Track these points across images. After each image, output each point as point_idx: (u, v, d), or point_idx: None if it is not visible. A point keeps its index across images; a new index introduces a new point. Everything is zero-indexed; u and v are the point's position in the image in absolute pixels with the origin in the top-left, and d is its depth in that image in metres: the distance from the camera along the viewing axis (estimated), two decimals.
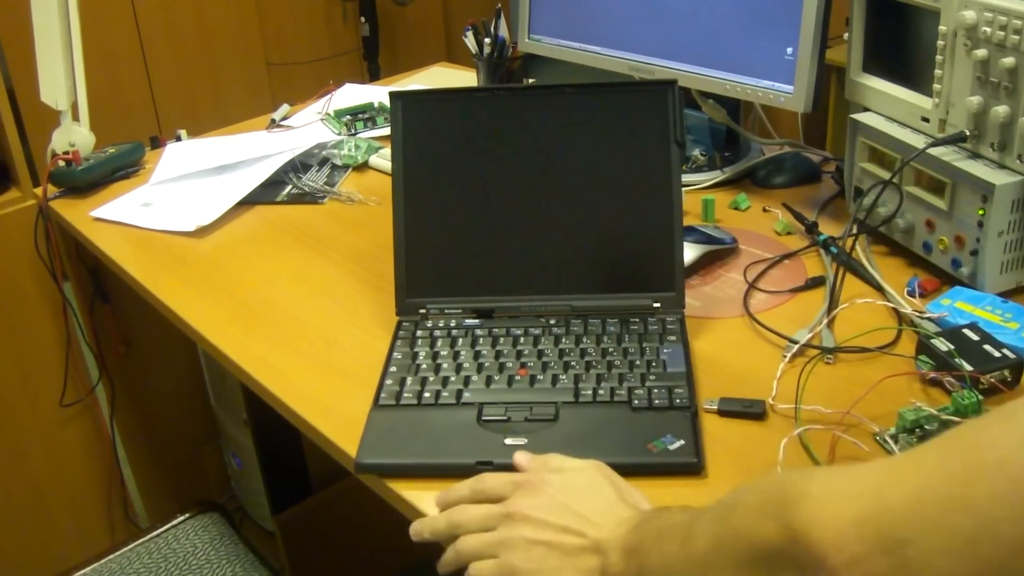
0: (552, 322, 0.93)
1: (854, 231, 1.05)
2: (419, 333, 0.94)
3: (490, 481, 0.73)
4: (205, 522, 1.26)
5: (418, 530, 0.73)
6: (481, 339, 0.92)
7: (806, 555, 0.47)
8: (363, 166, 1.43)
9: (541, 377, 0.86)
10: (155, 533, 1.25)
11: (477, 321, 0.95)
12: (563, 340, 0.90)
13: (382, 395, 0.86)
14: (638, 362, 0.87)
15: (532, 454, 0.75)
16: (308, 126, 1.59)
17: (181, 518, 1.27)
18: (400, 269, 0.97)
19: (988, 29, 0.90)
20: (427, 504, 0.75)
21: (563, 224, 0.95)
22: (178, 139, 1.58)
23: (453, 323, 0.95)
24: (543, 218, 0.96)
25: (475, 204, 0.97)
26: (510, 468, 0.76)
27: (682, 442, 0.77)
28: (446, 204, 0.97)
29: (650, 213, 0.94)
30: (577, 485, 0.70)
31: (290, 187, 1.38)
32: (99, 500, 1.69)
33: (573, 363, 0.87)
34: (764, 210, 1.20)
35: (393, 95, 0.98)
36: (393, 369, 0.89)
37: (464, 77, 1.81)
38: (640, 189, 0.94)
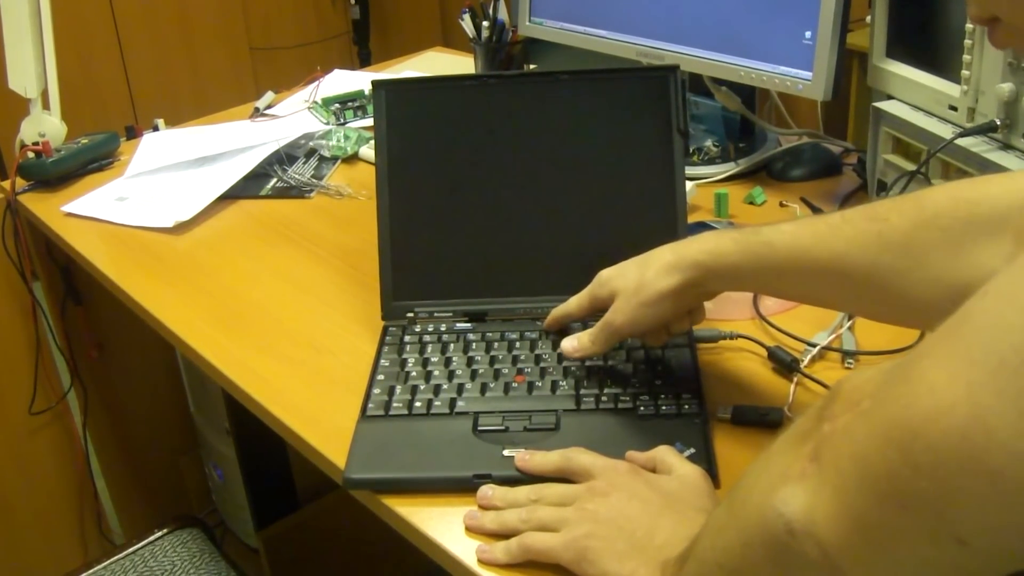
0: None
1: None
2: (407, 338, 0.94)
3: (583, 457, 0.75)
4: (184, 538, 1.26)
5: (490, 557, 0.72)
6: (474, 344, 0.92)
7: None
8: (353, 158, 1.44)
9: (539, 384, 0.86)
10: (131, 550, 1.25)
11: (469, 325, 0.95)
12: None
13: (370, 405, 0.86)
14: (642, 366, 0.87)
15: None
16: (294, 115, 1.59)
17: (159, 534, 1.27)
18: (386, 271, 0.97)
19: None
20: (422, 519, 0.76)
21: (560, 220, 0.96)
22: (155, 129, 1.58)
23: (443, 327, 0.95)
24: (538, 214, 0.96)
25: (465, 200, 0.97)
26: (509, 481, 0.76)
27: (693, 450, 0.77)
28: (434, 200, 0.97)
29: (652, 207, 0.94)
30: (669, 486, 0.72)
31: (275, 180, 1.38)
32: (71, 514, 1.69)
33: (573, 368, 0.87)
34: (781, 205, 1.20)
35: (376, 84, 0.98)
36: (380, 377, 0.89)
37: (461, 63, 1.81)
38: (641, 182, 0.95)
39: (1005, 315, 0.41)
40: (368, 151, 1.42)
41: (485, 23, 1.54)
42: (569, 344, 0.85)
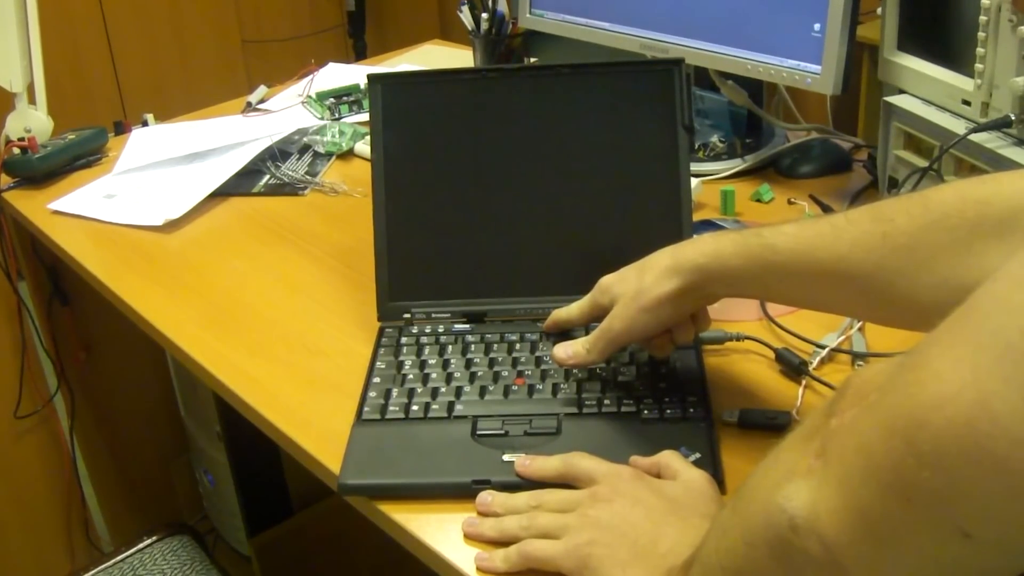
0: None
1: None
2: (404, 340, 0.94)
3: (585, 462, 0.75)
4: (174, 545, 1.26)
5: (489, 566, 0.72)
6: (473, 346, 0.92)
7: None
8: (348, 154, 1.44)
9: (540, 387, 0.86)
10: (119, 558, 1.25)
11: (468, 326, 0.95)
12: None
13: (365, 409, 0.86)
14: (646, 369, 0.87)
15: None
16: (287, 110, 1.59)
17: (148, 541, 1.27)
18: (382, 270, 0.97)
19: None
20: (419, 526, 0.76)
21: (561, 219, 0.96)
22: (144, 124, 1.58)
23: (441, 328, 0.95)
24: (538, 213, 0.96)
25: (464, 198, 0.97)
26: (509, 487, 0.76)
27: (698, 455, 0.77)
28: (432, 198, 0.97)
29: (656, 205, 0.94)
30: (674, 492, 0.72)
31: (268, 177, 1.38)
32: (58, 521, 1.69)
33: (575, 371, 0.87)
34: (789, 202, 1.20)
35: (372, 78, 0.98)
36: (377, 380, 0.89)
37: (459, 56, 1.82)
38: (645, 179, 0.95)
39: (1013, 297, 0.40)
40: (364, 147, 1.42)
41: (484, 15, 1.54)
42: (563, 352, 0.84)
